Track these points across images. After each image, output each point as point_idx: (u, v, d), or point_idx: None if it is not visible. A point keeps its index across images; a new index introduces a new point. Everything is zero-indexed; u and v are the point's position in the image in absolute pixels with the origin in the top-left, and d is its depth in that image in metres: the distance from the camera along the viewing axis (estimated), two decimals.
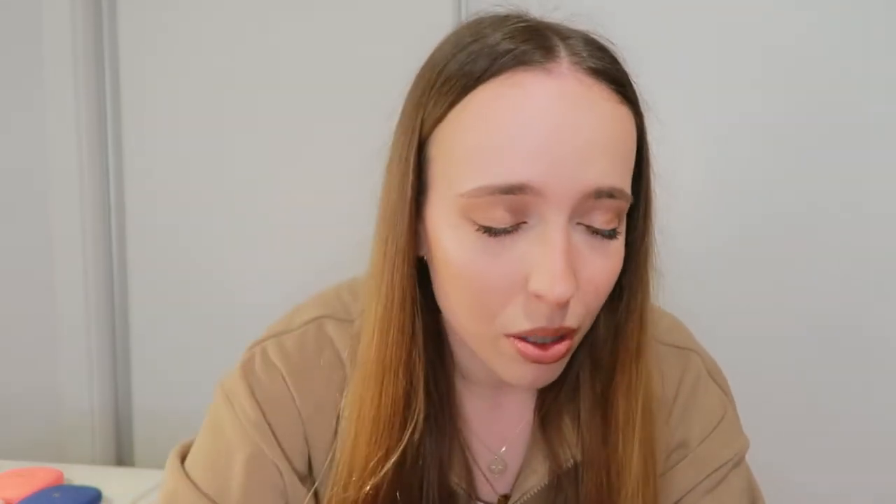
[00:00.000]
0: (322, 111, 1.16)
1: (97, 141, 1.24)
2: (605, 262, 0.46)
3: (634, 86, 0.48)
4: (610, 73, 0.45)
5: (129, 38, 1.23)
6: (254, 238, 1.23)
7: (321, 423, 0.56)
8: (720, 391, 0.61)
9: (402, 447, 0.50)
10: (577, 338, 0.48)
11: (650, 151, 0.50)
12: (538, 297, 0.43)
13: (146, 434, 1.31)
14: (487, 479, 0.57)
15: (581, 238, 0.45)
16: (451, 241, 0.46)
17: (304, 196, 1.19)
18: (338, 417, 0.55)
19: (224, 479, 0.53)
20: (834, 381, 1.06)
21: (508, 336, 0.46)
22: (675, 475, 0.57)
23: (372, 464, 0.50)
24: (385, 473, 0.50)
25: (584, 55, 0.45)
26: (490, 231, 0.44)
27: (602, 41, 0.48)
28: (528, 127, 0.42)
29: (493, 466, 0.57)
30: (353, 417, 0.51)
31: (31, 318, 1.27)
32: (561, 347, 0.46)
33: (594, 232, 0.45)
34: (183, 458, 0.57)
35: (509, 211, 0.44)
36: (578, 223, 0.45)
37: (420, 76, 0.49)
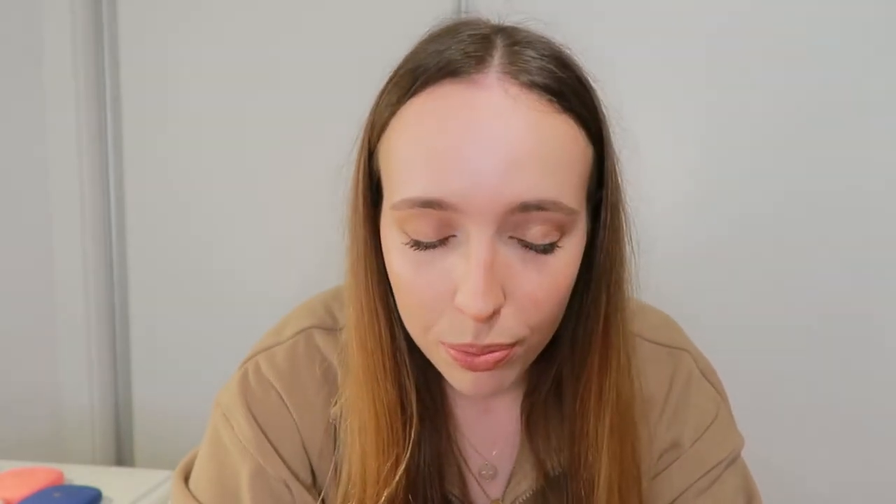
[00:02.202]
0: (322, 111, 1.16)
1: (97, 141, 1.24)
2: (541, 277, 0.44)
3: (591, 94, 0.46)
4: (547, 84, 0.43)
5: (129, 38, 1.24)
6: (254, 238, 1.23)
7: (317, 432, 0.56)
8: (713, 390, 0.60)
9: (408, 453, 0.50)
10: (527, 346, 0.47)
11: (615, 160, 0.48)
12: (462, 311, 0.43)
13: (146, 434, 1.31)
14: (479, 484, 0.57)
15: (513, 252, 0.44)
16: (391, 252, 0.46)
17: (305, 196, 1.19)
18: (334, 426, 0.56)
19: (234, 498, 0.53)
20: (828, 378, 1.06)
21: (444, 344, 0.46)
22: (669, 476, 0.57)
23: (385, 473, 0.50)
24: (398, 481, 0.50)
25: (526, 66, 0.43)
26: (418, 245, 0.44)
27: (557, 49, 0.46)
28: (446, 141, 0.42)
29: (484, 471, 0.57)
30: (354, 430, 0.51)
31: (31, 318, 1.27)
32: (490, 357, 0.45)
33: (526, 246, 0.43)
34: (186, 478, 0.57)
35: (435, 225, 0.43)
36: (511, 237, 0.43)
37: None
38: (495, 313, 0.43)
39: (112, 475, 1.05)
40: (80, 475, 1.01)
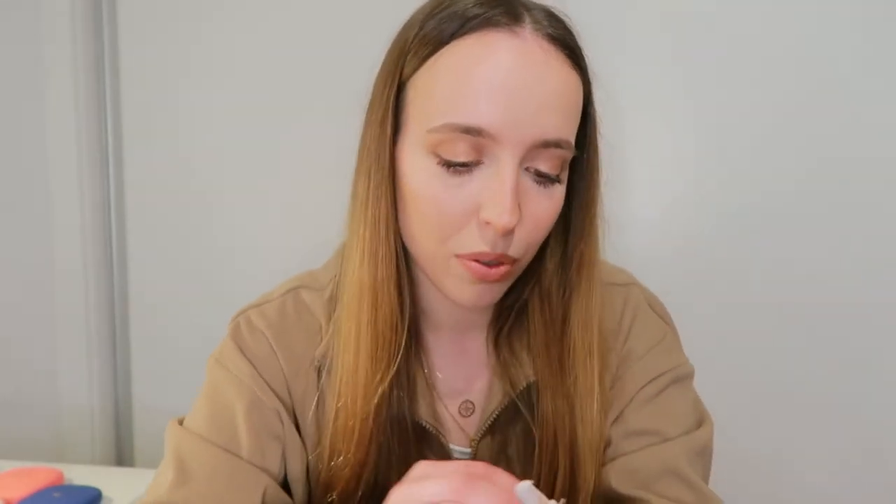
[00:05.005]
0: (321, 109, 1.16)
1: (97, 141, 1.24)
2: (547, 203, 0.53)
3: (585, 56, 0.54)
4: (565, 41, 0.52)
5: (129, 38, 1.24)
6: (253, 237, 1.23)
7: (301, 378, 0.61)
8: (660, 319, 0.66)
9: (397, 362, 0.56)
10: (519, 265, 0.55)
11: (596, 113, 0.56)
12: (488, 223, 0.50)
13: (146, 434, 1.31)
14: (459, 425, 0.62)
15: (528, 181, 0.52)
16: (417, 173, 0.52)
17: (304, 195, 1.19)
18: (317, 371, 0.60)
19: (230, 430, 0.58)
20: (827, 375, 1.06)
21: (459, 257, 0.53)
22: (622, 385, 0.62)
23: (378, 376, 0.55)
24: (385, 389, 0.55)
25: (545, 24, 0.51)
26: (450, 165, 0.51)
27: (560, 14, 0.54)
28: (491, 80, 0.49)
29: (463, 410, 0.62)
30: (351, 336, 0.56)
31: (31, 317, 1.27)
32: (503, 269, 0.53)
33: (541, 175, 0.52)
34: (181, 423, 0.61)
35: (468, 148, 0.50)
36: (527, 168, 0.52)
37: (401, 32, 0.56)
38: (513, 229, 0.51)
39: (112, 475, 1.05)
40: (80, 475, 1.01)
